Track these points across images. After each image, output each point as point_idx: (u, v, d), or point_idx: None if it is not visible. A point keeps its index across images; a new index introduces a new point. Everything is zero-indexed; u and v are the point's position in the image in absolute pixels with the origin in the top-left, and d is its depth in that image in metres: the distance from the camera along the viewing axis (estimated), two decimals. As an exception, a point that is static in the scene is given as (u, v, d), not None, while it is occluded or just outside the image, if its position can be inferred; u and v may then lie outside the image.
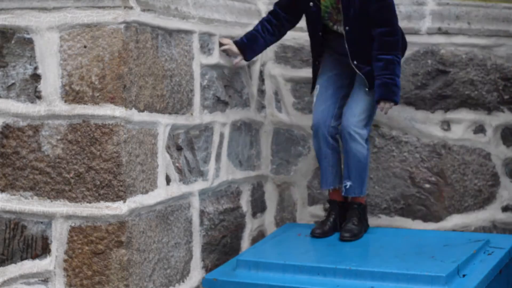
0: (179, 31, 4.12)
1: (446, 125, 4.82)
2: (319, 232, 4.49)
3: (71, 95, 3.76)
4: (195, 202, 4.31)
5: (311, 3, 4.43)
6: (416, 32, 4.80)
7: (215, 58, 4.45)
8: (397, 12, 4.80)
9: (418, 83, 4.80)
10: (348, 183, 4.46)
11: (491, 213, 4.90)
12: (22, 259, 3.86)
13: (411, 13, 4.80)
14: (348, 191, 4.48)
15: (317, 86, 4.58)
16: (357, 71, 4.40)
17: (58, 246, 3.80)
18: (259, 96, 4.96)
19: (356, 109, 4.42)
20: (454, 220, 4.82)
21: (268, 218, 5.08)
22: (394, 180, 4.81)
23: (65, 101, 3.76)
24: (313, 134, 4.57)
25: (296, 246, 4.40)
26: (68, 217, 3.77)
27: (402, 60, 4.79)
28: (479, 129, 4.86)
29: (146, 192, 3.89)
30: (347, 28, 4.36)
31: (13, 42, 3.81)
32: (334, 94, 4.54)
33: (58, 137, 3.77)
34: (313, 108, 4.57)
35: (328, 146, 4.51)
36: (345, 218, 4.54)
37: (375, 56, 4.32)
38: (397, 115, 4.80)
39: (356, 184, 4.46)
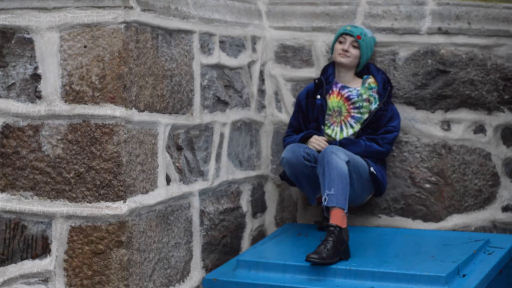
0: (179, 31, 4.12)
1: (446, 125, 4.82)
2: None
3: (71, 95, 3.76)
4: (195, 202, 4.31)
5: (318, 96, 4.71)
6: (416, 32, 4.79)
7: (215, 58, 4.46)
8: (397, 12, 4.81)
9: (418, 83, 4.80)
10: (332, 189, 4.18)
11: (491, 213, 4.89)
12: (22, 259, 3.86)
13: (411, 13, 4.80)
14: (330, 199, 4.17)
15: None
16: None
17: (58, 246, 3.80)
18: (259, 96, 4.96)
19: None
20: (454, 220, 4.81)
21: (268, 218, 5.08)
22: (394, 180, 4.81)
23: (65, 101, 3.76)
24: (286, 163, 4.45)
25: (296, 246, 4.40)
26: (68, 217, 3.78)
27: (402, 61, 4.79)
28: (479, 129, 4.86)
29: (146, 192, 3.89)
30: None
31: (13, 42, 3.81)
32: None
33: (58, 137, 3.77)
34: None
35: (305, 167, 4.42)
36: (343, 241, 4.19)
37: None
38: (397, 115, 4.81)
39: (339, 192, 4.18)
